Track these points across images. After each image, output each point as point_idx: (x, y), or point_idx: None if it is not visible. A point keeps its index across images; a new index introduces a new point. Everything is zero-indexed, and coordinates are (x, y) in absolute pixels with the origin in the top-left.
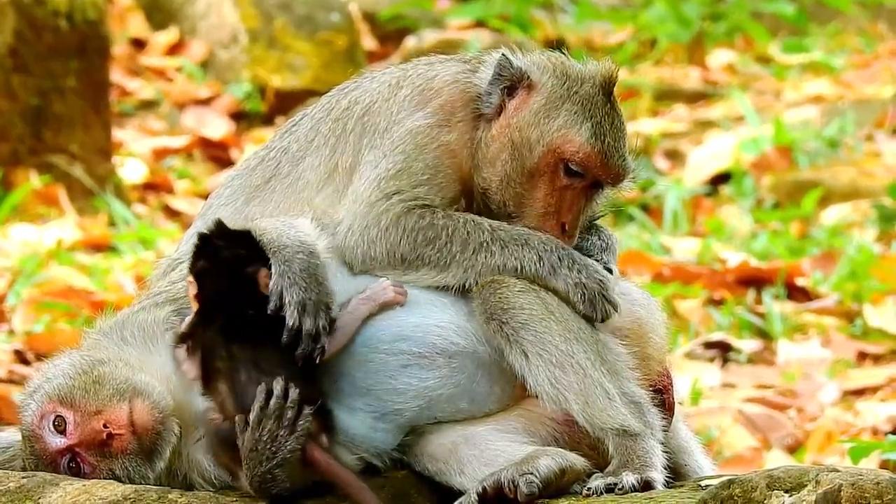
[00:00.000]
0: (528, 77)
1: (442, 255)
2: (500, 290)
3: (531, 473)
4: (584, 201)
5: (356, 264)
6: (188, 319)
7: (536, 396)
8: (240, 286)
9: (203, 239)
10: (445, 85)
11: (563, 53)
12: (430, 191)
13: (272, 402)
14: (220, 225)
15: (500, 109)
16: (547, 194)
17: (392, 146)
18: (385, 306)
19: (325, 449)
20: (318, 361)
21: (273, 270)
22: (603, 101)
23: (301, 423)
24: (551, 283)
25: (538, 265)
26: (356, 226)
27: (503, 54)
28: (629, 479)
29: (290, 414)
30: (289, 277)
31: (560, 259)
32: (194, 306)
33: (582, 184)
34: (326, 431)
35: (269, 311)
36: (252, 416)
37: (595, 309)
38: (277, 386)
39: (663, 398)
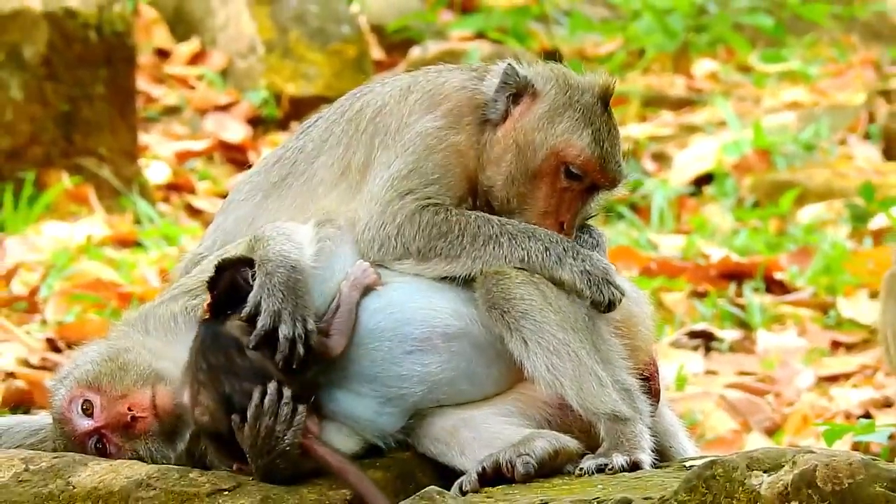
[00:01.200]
0: (533, 86)
1: (453, 247)
2: (503, 282)
3: (527, 454)
4: (581, 203)
5: (372, 256)
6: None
7: (534, 381)
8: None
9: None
10: (454, 91)
11: (564, 65)
12: (440, 189)
13: (267, 399)
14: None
15: (506, 115)
16: (547, 195)
17: (404, 147)
18: (368, 288)
19: (319, 439)
20: (295, 367)
21: (255, 284)
22: (601, 111)
23: (297, 418)
24: (557, 273)
25: (545, 255)
26: (373, 223)
27: (510, 64)
28: (619, 459)
29: (286, 410)
30: (268, 289)
31: (565, 250)
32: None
33: (580, 186)
34: (317, 415)
35: (241, 318)
36: (249, 413)
37: (603, 294)
38: (271, 386)
39: (650, 385)
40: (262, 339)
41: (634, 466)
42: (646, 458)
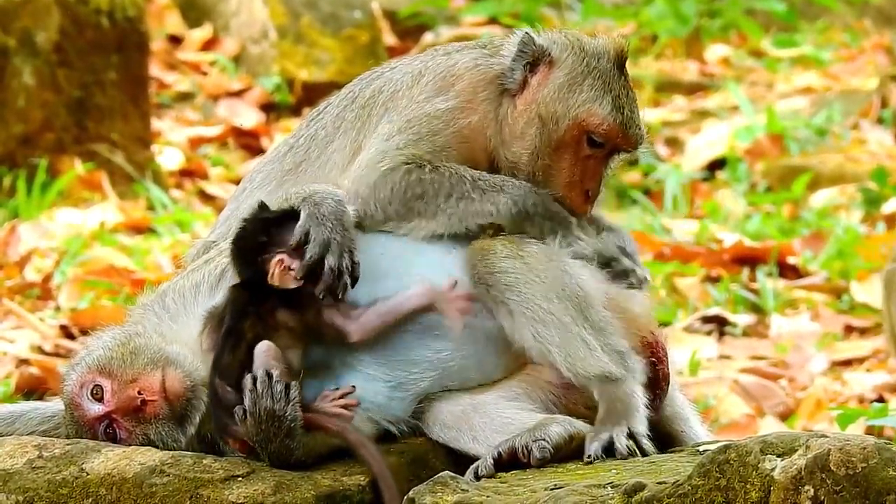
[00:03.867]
0: (549, 53)
1: (429, 206)
2: (487, 257)
3: (544, 440)
4: (604, 168)
5: (366, 224)
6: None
7: (524, 352)
8: (253, 271)
9: (244, 220)
10: (466, 70)
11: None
12: (427, 150)
13: (259, 383)
14: (261, 206)
15: (523, 85)
16: (572, 164)
17: (407, 123)
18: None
19: (317, 411)
20: (340, 297)
21: (302, 213)
22: (618, 75)
23: (292, 392)
24: (525, 227)
25: (511, 209)
26: (353, 187)
27: (527, 33)
28: (620, 441)
29: (279, 388)
30: (316, 218)
31: (534, 204)
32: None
33: (602, 153)
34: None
35: (292, 246)
36: (247, 402)
37: (558, 238)
38: (260, 371)
39: (659, 369)
40: (309, 270)
41: (631, 436)
42: (639, 418)
